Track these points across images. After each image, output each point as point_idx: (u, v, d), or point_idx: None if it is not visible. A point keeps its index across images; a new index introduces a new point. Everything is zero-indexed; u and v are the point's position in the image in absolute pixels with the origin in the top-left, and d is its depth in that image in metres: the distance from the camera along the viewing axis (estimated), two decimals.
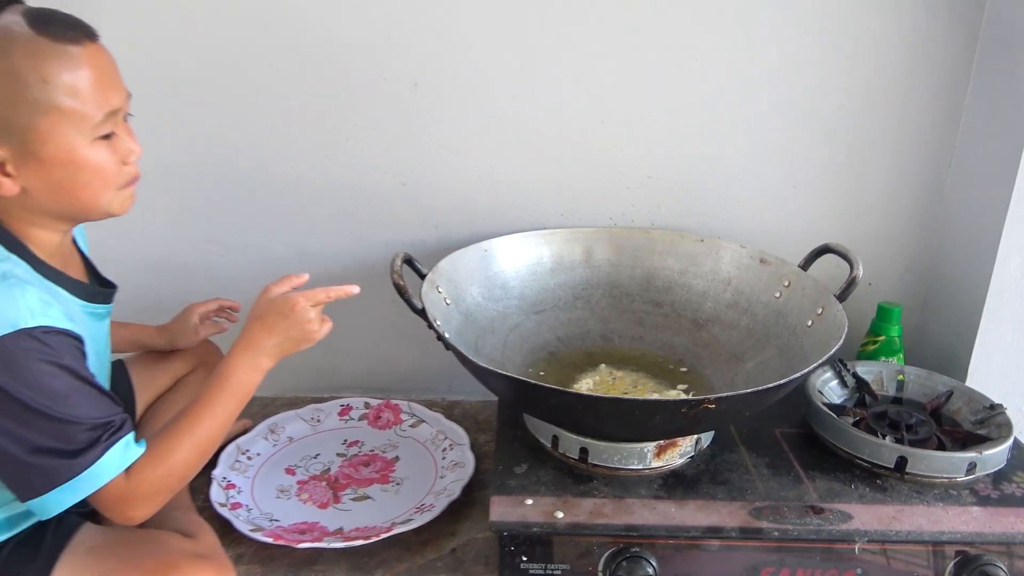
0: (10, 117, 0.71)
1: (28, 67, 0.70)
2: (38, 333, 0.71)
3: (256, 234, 1.31)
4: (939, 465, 0.98)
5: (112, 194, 0.79)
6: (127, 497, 0.77)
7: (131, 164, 0.80)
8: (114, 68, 0.77)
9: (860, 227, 1.30)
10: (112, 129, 0.77)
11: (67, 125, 0.72)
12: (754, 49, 1.20)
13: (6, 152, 0.72)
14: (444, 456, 1.21)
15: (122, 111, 0.78)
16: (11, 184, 0.74)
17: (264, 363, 0.87)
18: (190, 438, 0.81)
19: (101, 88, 0.74)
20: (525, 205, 1.29)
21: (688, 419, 0.88)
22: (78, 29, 0.74)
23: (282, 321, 0.86)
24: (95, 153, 0.75)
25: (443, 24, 1.18)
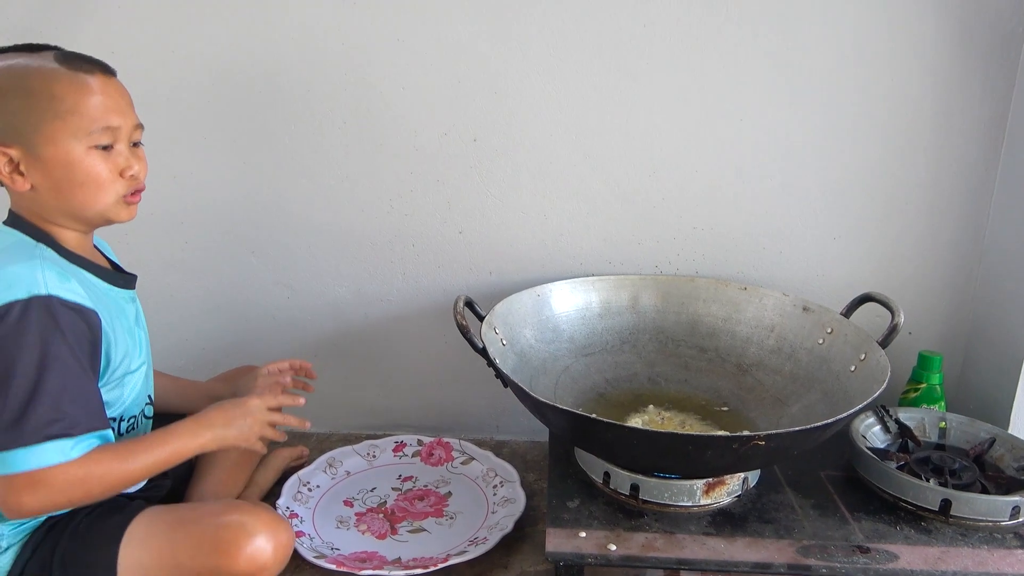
0: (23, 125, 0.85)
1: (42, 86, 0.85)
2: (53, 303, 0.82)
3: (321, 278, 1.40)
4: (983, 508, 1.00)
5: (110, 200, 0.90)
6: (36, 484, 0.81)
7: (128, 178, 0.90)
8: (121, 98, 0.90)
9: (900, 276, 1.34)
10: (109, 142, 0.88)
11: (68, 133, 0.85)
12: (796, 106, 1.27)
13: (19, 153, 0.86)
14: (495, 492, 1.25)
15: (124, 131, 0.90)
16: (23, 181, 0.87)
17: (206, 437, 0.94)
18: (120, 464, 0.86)
19: (102, 108, 0.87)
20: (575, 253, 1.36)
21: (738, 455, 0.92)
22: (94, 64, 0.88)
23: (233, 410, 0.97)
24: (89, 159, 0.87)
25: (501, 84, 1.27)
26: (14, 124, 0.85)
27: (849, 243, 1.33)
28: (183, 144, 1.32)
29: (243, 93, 1.29)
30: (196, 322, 1.42)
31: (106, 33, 1.26)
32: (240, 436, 0.96)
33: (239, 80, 1.28)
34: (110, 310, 0.91)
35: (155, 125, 1.28)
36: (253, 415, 0.97)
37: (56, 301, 0.82)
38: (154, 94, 1.28)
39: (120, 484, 0.87)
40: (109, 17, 1.26)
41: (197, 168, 1.33)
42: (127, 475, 0.87)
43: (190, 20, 1.25)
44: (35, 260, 0.84)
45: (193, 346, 1.44)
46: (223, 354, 1.43)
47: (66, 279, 0.85)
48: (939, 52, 1.23)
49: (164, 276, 1.37)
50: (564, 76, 1.27)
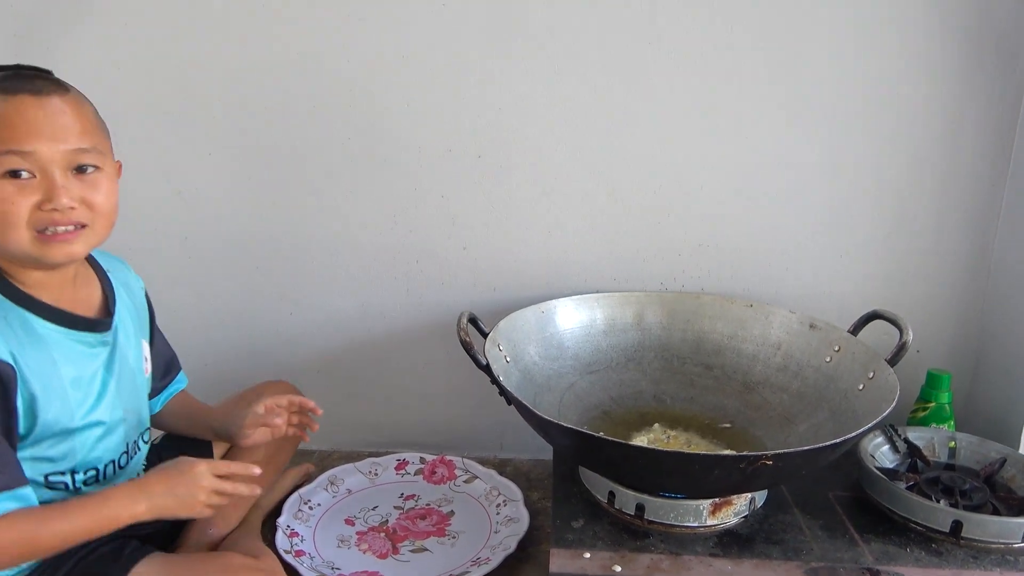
0: None
1: None
2: None
3: (324, 293, 1.39)
4: (995, 530, 0.98)
5: (18, 234, 0.80)
6: None
7: (47, 211, 0.80)
8: (47, 119, 0.80)
9: (908, 294, 1.33)
10: (16, 168, 0.79)
11: None
12: (802, 122, 1.26)
13: None
14: (498, 511, 1.24)
15: (46, 157, 0.80)
16: None
17: (141, 507, 0.84)
18: (32, 529, 0.78)
19: (7, 130, 0.78)
20: (580, 269, 1.35)
21: (745, 475, 0.90)
22: (23, 81, 0.81)
23: (177, 476, 0.87)
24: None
25: (506, 100, 1.27)
26: None
27: (856, 260, 1.32)
28: (187, 159, 1.32)
29: (248, 109, 1.29)
30: (199, 337, 1.41)
31: (110, 48, 1.26)
32: (181, 505, 0.86)
33: (244, 95, 1.28)
34: (47, 359, 0.84)
35: (159, 140, 1.30)
36: (197, 483, 0.86)
37: None
38: (159, 109, 1.28)
39: (29, 552, 0.79)
40: (113, 32, 1.26)
41: (202, 183, 1.33)
42: (38, 543, 0.78)
43: (196, 36, 1.26)
44: None
45: (196, 361, 1.43)
46: (226, 369, 1.42)
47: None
48: (946, 69, 1.22)
49: (168, 291, 1.36)
50: (569, 93, 1.27)
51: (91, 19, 1.26)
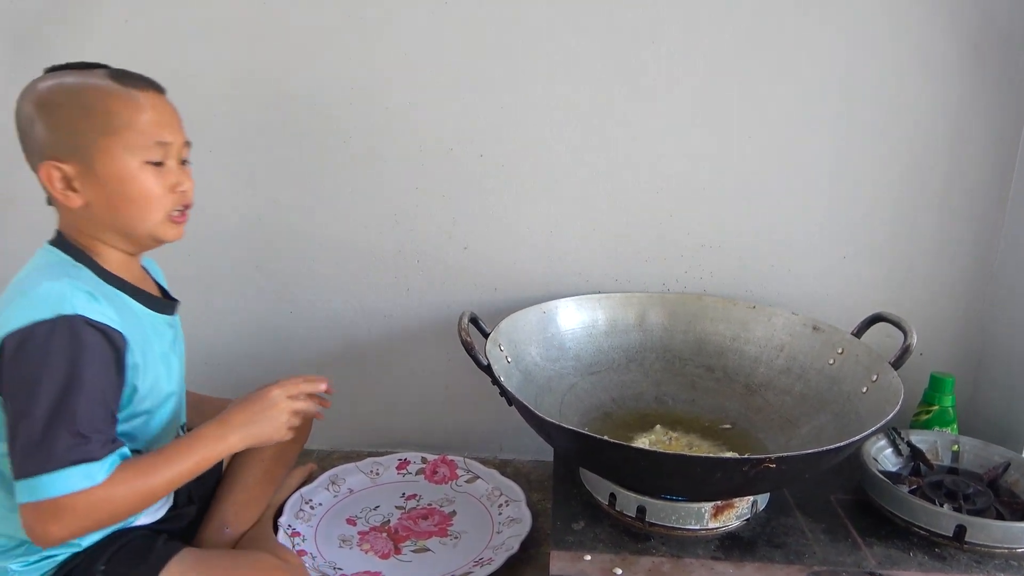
0: (79, 141, 0.84)
1: (96, 102, 0.85)
2: (78, 322, 0.79)
3: (324, 292, 1.39)
4: (999, 535, 0.98)
5: (159, 218, 0.89)
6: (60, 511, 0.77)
7: (178, 193, 0.90)
8: (172, 115, 0.91)
9: (910, 296, 1.33)
10: (160, 159, 0.88)
11: (122, 148, 0.85)
12: (805, 124, 1.26)
13: (73, 169, 0.85)
14: (500, 512, 1.23)
15: (174, 148, 0.90)
16: (76, 197, 0.86)
17: (231, 440, 0.90)
18: (144, 480, 0.82)
19: (153, 125, 0.87)
20: (581, 270, 1.35)
21: (748, 478, 0.90)
22: (145, 81, 0.89)
23: (255, 403, 0.92)
24: (142, 174, 0.87)
25: (507, 100, 1.27)
26: (69, 140, 0.84)
27: (859, 262, 1.32)
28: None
29: (248, 107, 1.29)
30: (198, 337, 1.40)
31: (112, 49, 1.26)
32: (266, 429, 0.92)
33: (244, 94, 1.28)
34: (144, 334, 0.89)
35: None
36: (276, 405, 0.93)
37: (81, 320, 0.80)
38: None
39: (145, 501, 0.84)
40: (115, 33, 1.26)
41: (201, 183, 1.29)
42: (152, 491, 0.84)
43: (195, 36, 1.26)
44: (65, 279, 0.82)
45: (195, 360, 1.41)
46: (225, 369, 1.41)
47: (95, 300, 0.82)
48: (950, 72, 1.22)
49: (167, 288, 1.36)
50: (571, 93, 1.26)
51: (91, 18, 1.25)
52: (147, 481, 0.83)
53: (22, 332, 0.78)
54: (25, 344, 0.78)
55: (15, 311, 0.79)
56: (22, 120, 0.87)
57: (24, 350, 0.78)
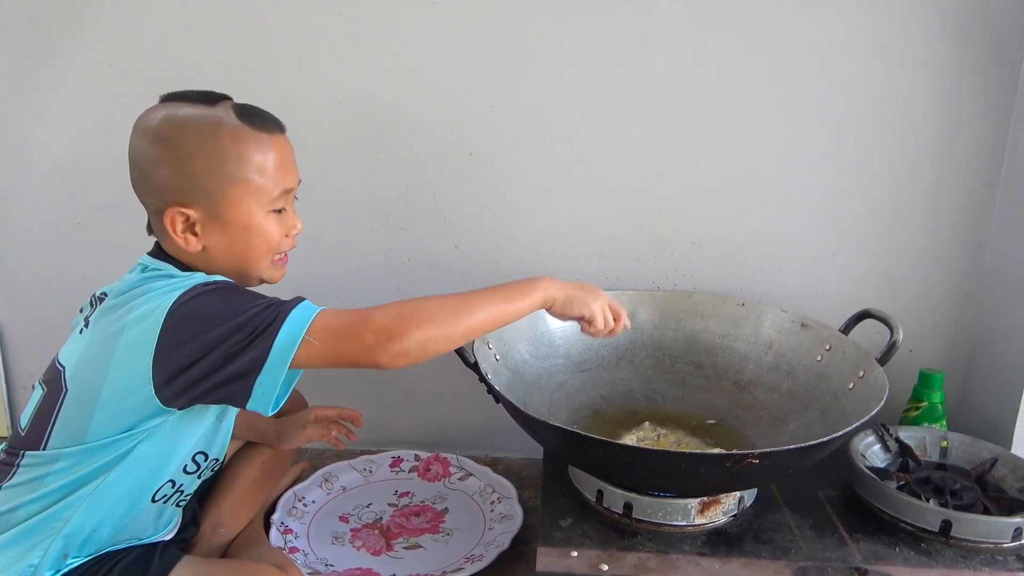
0: (208, 185, 0.83)
1: (230, 147, 0.83)
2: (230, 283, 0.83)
3: (315, 291, 1.38)
4: (984, 530, 0.98)
5: (269, 261, 0.90)
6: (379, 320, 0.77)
7: (291, 237, 0.91)
8: (292, 156, 0.90)
9: (900, 293, 1.33)
10: (284, 205, 0.89)
11: (251, 196, 0.85)
12: (795, 122, 1.26)
13: (198, 214, 0.84)
14: (492, 508, 1.24)
15: (293, 192, 0.90)
16: (196, 242, 0.85)
17: (553, 291, 0.90)
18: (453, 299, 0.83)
19: (281, 171, 0.87)
20: (572, 268, 1.35)
21: (732, 474, 0.90)
22: (272, 122, 0.88)
23: (581, 288, 0.95)
24: (267, 222, 0.87)
25: (498, 98, 1.27)
26: (198, 184, 0.83)
27: (849, 259, 1.32)
28: None
29: None
30: None
31: (101, 47, 1.27)
32: (586, 304, 0.94)
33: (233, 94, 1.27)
34: None
35: None
36: (599, 300, 0.95)
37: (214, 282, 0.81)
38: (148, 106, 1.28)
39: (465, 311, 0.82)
40: (103, 31, 1.26)
41: None
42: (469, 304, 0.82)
43: (186, 36, 1.26)
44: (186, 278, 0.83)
45: None
46: None
47: None
48: (941, 70, 1.22)
49: None
50: (562, 90, 1.26)
51: (83, 15, 1.26)
52: (462, 298, 0.83)
53: (185, 294, 0.78)
54: (194, 297, 0.78)
55: (177, 284, 0.79)
56: (141, 157, 0.84)
57: (195, 299, 0.78)
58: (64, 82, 1.28)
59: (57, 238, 1.36)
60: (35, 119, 1.30)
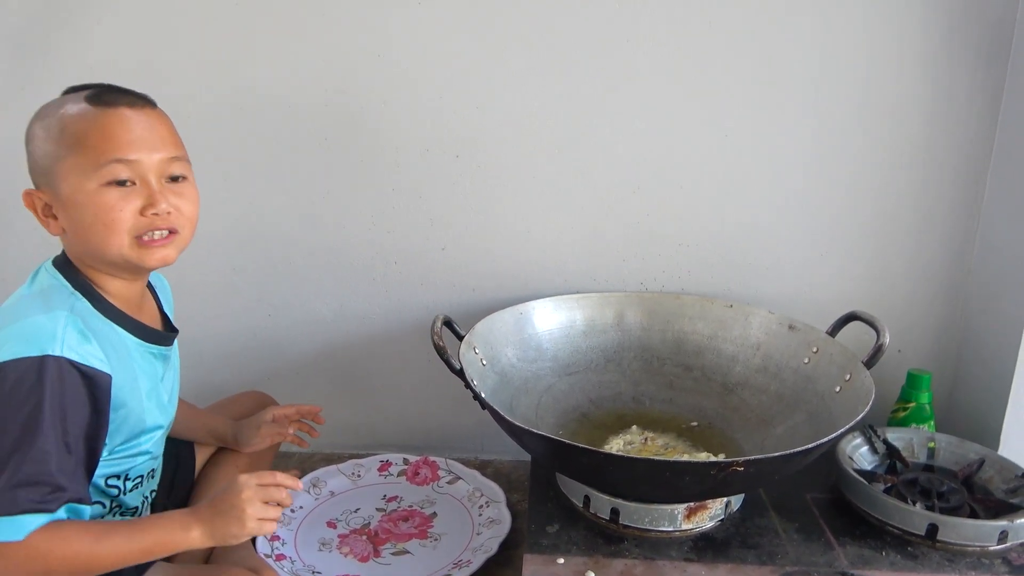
0: (46, 164, 0.83)
1: (64, 125, 0.82)
2: (63, 365, 0.77)
3: (302, 295, 1.38)
4: (970, 533, 0.98)
5: (124, 240, 0.83)
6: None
7: (149, 216, 0.83)
8: (148, 129, 0.84)
9: (888, 294, 1.32)
10: (125, 177, 0.82)
11: (78, 168, 0.81)
12: (782, 123, 1.25)
13: (47, 196, 0.84)
14: (481, 513, 1.24)
15: (145, 166, 0.83)
16: (55, 225, 0.85)
17: (194, 533, 0.82)
18: (89, 545, 0.78)
19: (114, 140, 0.81)
20: (559, 270, 1.35)
21: (717, 481, 0.90)
22: (124, 95, 0.84)
23: (220, 494, 0.85)
24: (100, 196, 0.81)
25: (483, 100, 1.26)
26: (41, 165, 0.83)
27: (837, 260, 1.32)
28: None
29: (222, 109, 1.28)
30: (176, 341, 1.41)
31: (85, 50, 1.25)
32: (231, 520, 0.83)
33: (217, 96, 1.27)
34: (131, 371, 0.87)
35: None
36: (238, 494, 0.83)
37: (67, 363, 0.77)
38: None
39: (86, 569, 0.78)
40: (87, 34, 1.25)
41: None
42: (96, 560, 0.78)
43: (167, 37, 1.25)
44: (61, 312, 0.80)
45: None
46: (203, 372, 1.41)
47: (86, 340, 0.80)
48: (926, 69, 1.21)
49: None
50: (547, 92, 1.25)
51: (78, 20, 1.24)
52: (93, 548, 0.78)
53: (6, 367, 0.75)
54: (5, 379, 0.75)
55: (5, 342, 0.77)
56: None
57: (3, 385, 0.75)
58: (46, 85, 1.26)
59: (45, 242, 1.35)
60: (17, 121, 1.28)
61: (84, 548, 0.77)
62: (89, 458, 0.82)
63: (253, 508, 0.83)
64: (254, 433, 1.15)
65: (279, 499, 0.85)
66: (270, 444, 1.17)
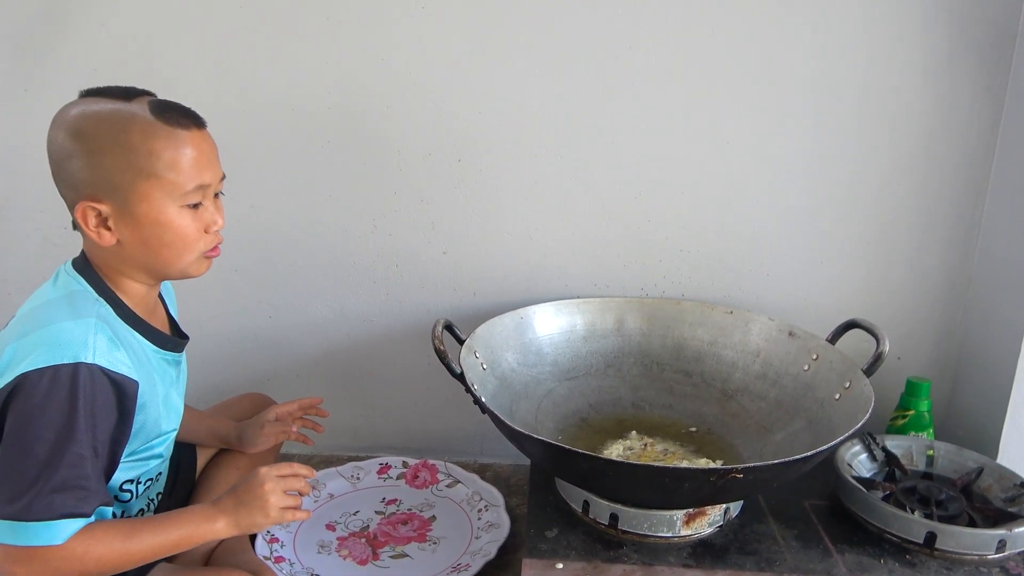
0: (118, 180, 0.82)
1: (141, 142, 0.82)
2: (95, 372, 0.79)
3: (303, 297, 1.39)
4: (969, 542, 0.98)
5: (192, 257, 0.89)
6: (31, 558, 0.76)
7: (212, 233, 0.89)
8: (212, 153, 0.89)
9: (888, 301, 1.33)
10: (199, 200, 0.87)
11: (162, 191, 0.84)
12: (783, 130, 1.25)
13: (109, 208, 0.84)
14: (480, 517, 1.24)
15: (212, 188, 0.89)
16: (109, 236, 0.85)
17: (219, 524, 0.87)
18: (122, 543, 0.81)
19: (196, 166, 0.85)
20: (560, 275, 1.35)
21: (717, 488, 0.90)
22: (189, 117, 0.87)
23: (241, 484, 0.90)
24: (180, 218, 0.86)
25: (485, 104, 1.26)
26: (108, 179, 0.82)
27: (837, 267, 1.32)
28: None
29: (224, 112, 1.27)
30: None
31: (90, 51, 1.25)
32: (254, 510, 0.88)
33: (219, 100, 1.27)
34: (151, 377, 0.89)
35: None
36: (265, 488, 0.89)
37: (98, 371, 0.79)
38: None
39: (119, 566, 0.82)
40: (92, 35, 1.25)
41: None
42: (128, 557, 0.82)
43: (171, 38, 1.25)
44: (90, 320, 0.81)
45: None
46: (203, 374, 1.41)
47: (115, 347, 0.82)
48: (928, 75, 1.21)
49: None
50: (550, 97, 1.26)
51: (79, 20, 1.24)
52: (125, 545, 0.81)
53: (40, 373, 0.77)
54: (38, 385, 0.76)
55: (36, 347, 0.78)
56: (56, 150, 0.83)
57: (37, 391, 0.76)
58: (48, 86, 1.27)
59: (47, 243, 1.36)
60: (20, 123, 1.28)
61: (116, 546, 0.81)
62: (110, 463, 0.84)
63: (276, 498, 0.89)
64: (257, 433, 1.16)
65: (299, 487, 0.92)
66: (274, 444, 1.18)
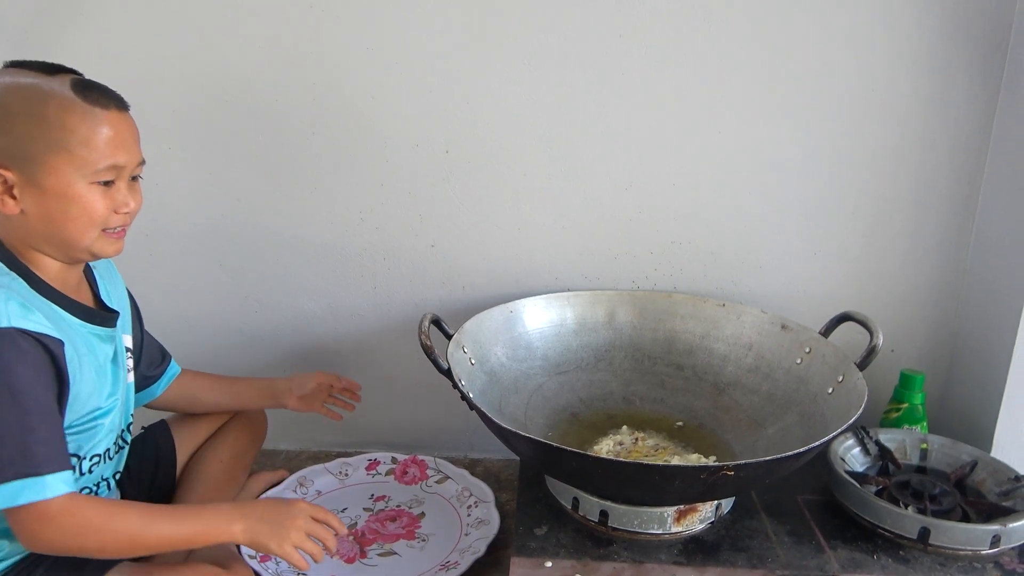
0: (29, 149, 0.82)
1: (56, 115, 0.82)
2: (13, 334, 0.78)
3: (290, 291, 1.37)
4: (962, 537, 0.97)
5: (97, 235, 0.87)
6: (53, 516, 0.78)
7: (121, 214, 0.89)
8: (130, 135, 0.88)
9: (882, 293, 1.31)
10: (111, 179, 0.86)
11: (72, 166, 0.83)
12: (775, 121, 1.24)
13: (16, 177, 0.83)
14: (469, 513, 1.22)
15: (128, 170, 0.88)
16: (13, 204, 0.84)
17: (238, 526, 0.88)
18: (139, 526, 0.83)
19: (111, 145, 0.85)
20: (550, 268, 1.33)
21: (707, 485, 0.89)
22: (109, 98, 0.86)
23: (277, 505, 0.93)
24: (89, 194, 0.85)
25: (474, 95, 1.24)
26: (18, 147, 0.82)
27: (830, 259, 1.30)
28: (148, 154, 1.26)
29: (210, 102, 1.26)
30: (162, 336, 1.38)
31: (78, 43, 1.23)
32: (273, 534, 0.89)
33: (205, 89, 1.25)
34: (77, 345, 0.87)
35: None
36: (294, 517, 0.91)
37: (16, 332, 0.78)
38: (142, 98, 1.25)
39: (134, 546, 0.84)
40: (79, 27, 1.22)
41: (163, 179, 1.29)
42: (141, 540, 0.83)
43: (155, 30, 1.22)
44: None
45: None
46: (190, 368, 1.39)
47: (29, 311, 0.81)
48: (921, 68, 1.20)
49: (130, 289, 1.34)
50: (540, 87, 1.23)
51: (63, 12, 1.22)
52: (143, 529, 0.83)
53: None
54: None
55: None
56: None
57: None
58: None
59: None
60: None
61: (134, 527, 0.83)
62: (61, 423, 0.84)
63: (298, 535, 0.90)
64: (310, 380, 1.23)
65: (323, 538, 0.93)
66: (306, 409, 1.24)
